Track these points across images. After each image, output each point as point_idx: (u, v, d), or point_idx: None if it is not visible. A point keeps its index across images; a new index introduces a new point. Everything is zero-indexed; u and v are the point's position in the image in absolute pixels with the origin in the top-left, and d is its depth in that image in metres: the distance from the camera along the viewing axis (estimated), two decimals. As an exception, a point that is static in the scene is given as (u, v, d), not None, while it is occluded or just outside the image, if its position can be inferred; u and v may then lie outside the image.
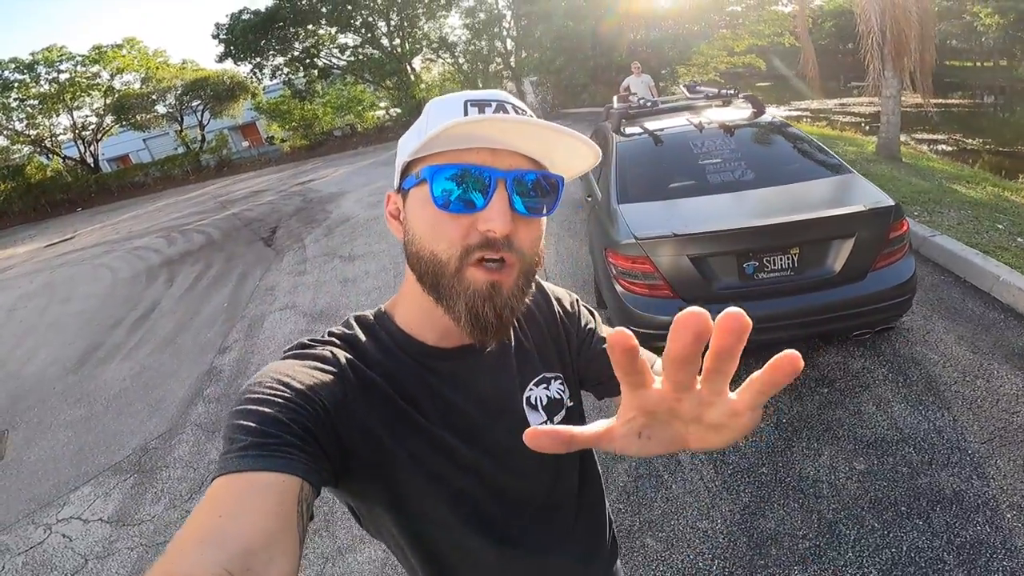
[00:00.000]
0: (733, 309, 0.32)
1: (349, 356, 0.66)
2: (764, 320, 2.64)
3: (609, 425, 0.40)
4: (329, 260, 6.62)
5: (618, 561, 1.00)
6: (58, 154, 26.43)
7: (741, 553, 1.99)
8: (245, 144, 31.82)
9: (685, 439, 0.40)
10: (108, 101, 24.63)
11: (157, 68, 25.27)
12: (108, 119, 25.55)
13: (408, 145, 0.64)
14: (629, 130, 3.86)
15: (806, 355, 3.02)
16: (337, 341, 0.69)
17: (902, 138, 7.91)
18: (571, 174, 0.67)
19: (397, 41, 23.77)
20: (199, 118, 26.39)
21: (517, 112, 0.62)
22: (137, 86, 25.18)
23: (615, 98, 7.81)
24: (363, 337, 0.70)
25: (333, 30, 23.43)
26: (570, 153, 0.62)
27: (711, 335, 0.32)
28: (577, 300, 0.90)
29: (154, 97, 24.92)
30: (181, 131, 26.89)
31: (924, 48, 6.87)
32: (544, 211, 0.63)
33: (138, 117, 24.86)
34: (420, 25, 23.66)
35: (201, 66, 27.51)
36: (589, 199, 4.01)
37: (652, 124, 3.89)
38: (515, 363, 0.77)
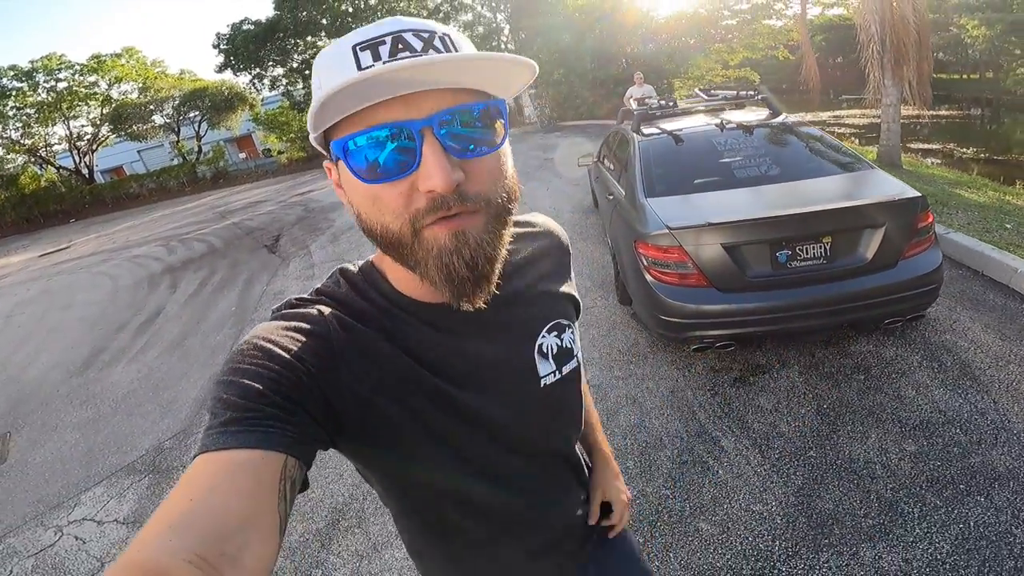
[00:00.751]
0: None
1: (340, 313, 0.62)
2: (797, 308, 2.65)
3: None
4: (339, 264, 6.55)
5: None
6: (53, 164, 26.24)
7: (803, 533, 1.97)
8: (241, 156, 31.70)
9: None
10: (105, 111, 24.47)
11: (155, 78, 25.14)
12: (104, 129, 25.39)
13: (310, 121, 0.52)
14: (648, 131, 3.90)
15: (838, 344, 3.03)
16: (325, 298, 0.65)
17: (898, 148, 8.03)
18: (509, 92, 0.58)
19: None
20: (196, 129, 26.34)
21: (421, 40, 0.52)
22: (135, 96, 25.05)
23: (632, 101, 7.88)
24: (353, 293, 0.65)
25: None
26: (498, 70, 0.53)
27: None
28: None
29: (151, 107, 24.82)
30: (178, 142, 26.83)
31: (922, 57, 7.04)
32: (492, 144, 0.55)
33: (135, 127, 24.78)
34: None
35: (200, 76, 27.50)
36: (610, 197, 4.03)
37: (670, 125, 3.93)
38: (526, 308, 0.72)
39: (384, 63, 0.49)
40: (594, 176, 5.60)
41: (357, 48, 0.51)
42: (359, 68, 0.50)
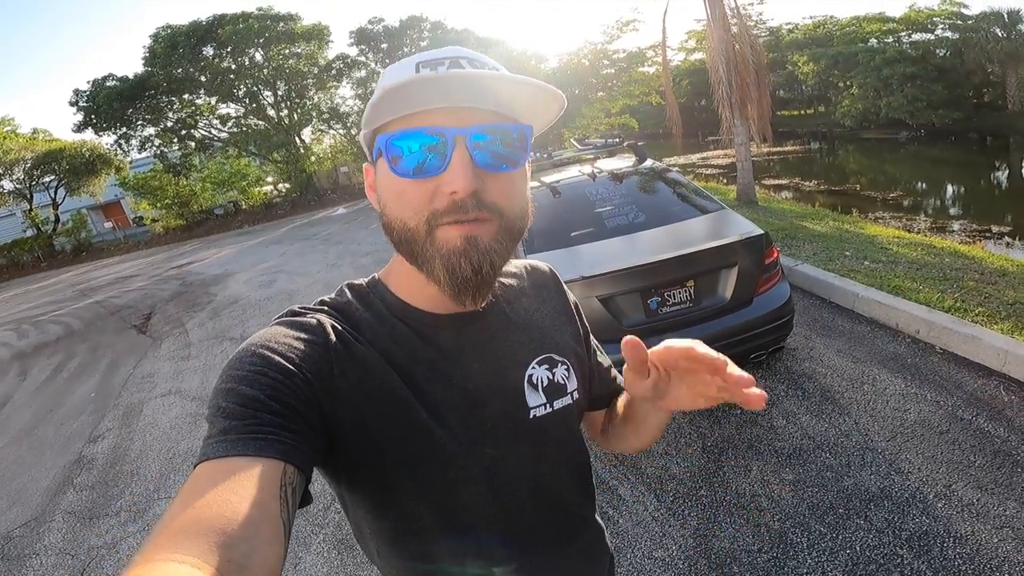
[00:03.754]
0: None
1: (339, 325, 0.64)
2: None
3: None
4: (219, 343, 6.11)
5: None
6: None
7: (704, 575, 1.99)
8: (108, 225, 28.73)
9: (668, 395, 0.62)
10: (-58, 176, 21.43)
11: (3, 138, 22.31)
12: (-60, 197, 22.16)
13: (364, 117, 0.61)
14: (529, 184, 4.01)
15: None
16: (327, 308, 0.67)
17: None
18: (538, 123, 0.65)
19: (284, 112, 23.25)
20: (52, 196, 23.52)
21: (475, 67, 0.59)
22: (-23, 158, 22.20)
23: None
24: (356, 304, 0.68)
25: (213, 100, 22.48)
26: (533, 102, 0.60)
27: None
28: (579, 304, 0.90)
29: (-1, 171, 22.06)
30: (31, 211, 23.78)
31: (761, 95, 7.95)
32: (515, 164, 0.61)
33: (-23, 195, 21.81)
34: (310, 96, 23.44)
35: (55, 136, 24.85)
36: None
37: (548, 177, 4.08)
38: (519, 337, 0.74)
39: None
40: None
41: (420, 64, 0.60)
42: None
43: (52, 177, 22.78)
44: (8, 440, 4.65)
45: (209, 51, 20.96)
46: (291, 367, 0.55)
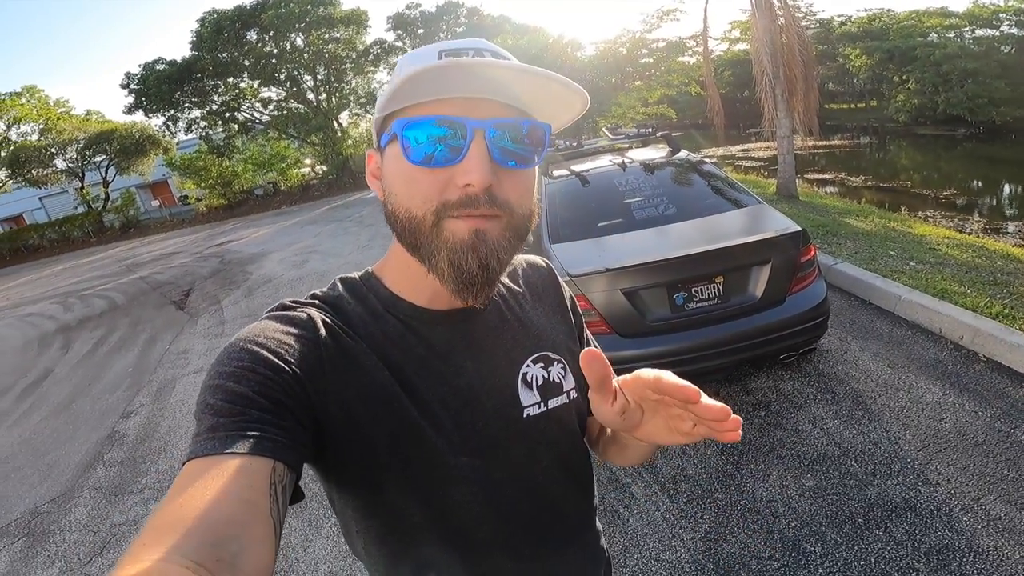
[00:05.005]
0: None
1: (329, 319, 0.62)
2: (695, 349, 2.70)
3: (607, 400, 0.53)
4: (251, 321, 6.20)
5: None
6: (-56, 214, 23.89)
7: (708, 583, 1.94)
8: (155, 203, 29.80)
9: (641, 427, 0.56)
10: (2, 154, 22.55)
11: (58, 119, 23.37)
12: (1, 174, 23.36)
13: (380, 101, 0.58)
14: (557, 172, 3.95)
15: (740, 381, 3.10)
16: (319, 302, 0.65)
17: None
18: (558, 122, 0.62)
19: (323, 96, 23.66)
20: (103, 174, 24.57)
21: (496, 56, 0.58)
22: (35, 138, 23.21)
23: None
24: (348, 298, 0.66)
25: (255, 83, 23.03)
26: (555, 100, 0.58)
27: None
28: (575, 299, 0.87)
29: (53, 150, 23.02)
30: (82, 188, 24.94)
31: (809, 87, 7.61)
32: (529, 162, 0.59)
33: (35, 172, 22.84)
34: (347, 80, 23.75)
35: (108, 118, 25.84)
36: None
37: (578, 166, 4.01)
38: (514, 335, 0.72)
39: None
40: None
41: (442, 52, 0.57)
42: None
43: (103, 157, 23.83)
44: (47, 413, 4.81)
45: (252, 35, 21.46)
46: (280, 363, 0.54)
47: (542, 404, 0.71)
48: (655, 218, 3.21)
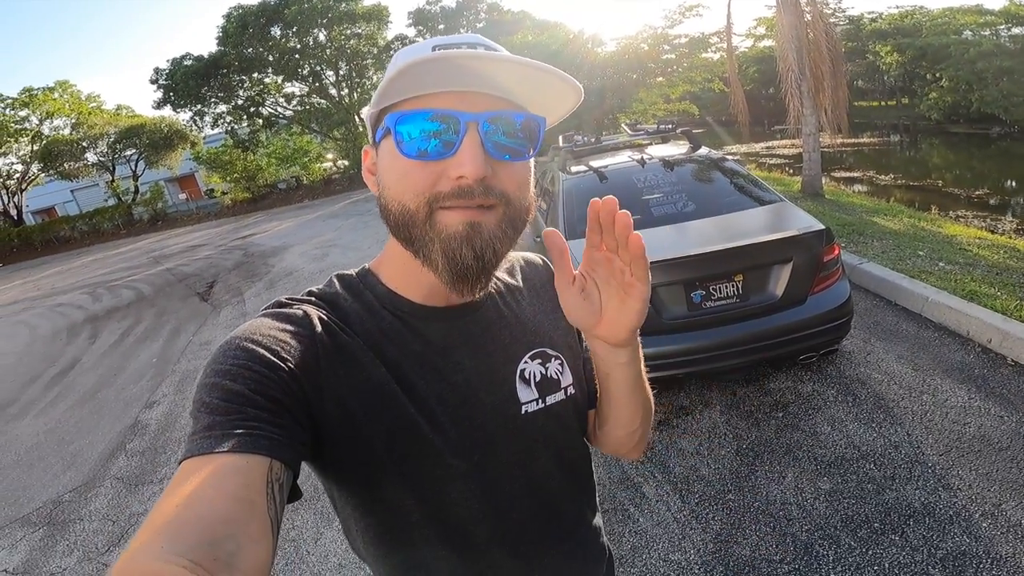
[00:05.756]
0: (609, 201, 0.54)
1: (326, 316, 0.62)
2: (713, 348, 2.66)
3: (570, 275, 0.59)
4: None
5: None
6: (-20, 205, 24.72)
7: (718, 585, 1.91)
8: (183, 196, 30.46)
9: (603, 311, 0.60)
10: (36, 147, 23.20)
11: (89, 113, 24.02)
12: (35, 167, 24.06)
13: (375, 96, 0.59)
14: (575, 168, 3.93)
15: (759, 381, 3.05)
16: (315, 299, 0.65)
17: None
18: (553, 115, 0.62)
19: (345, 91, 23.85)
20: (133, 168, 25.23)
21: (491, 49, 0.57)
22: (67, 132, 23.83)
23: (560, 138, 8.08)
24: (345, 295, 0.66)
25: (279, 79, 23.33)
26: (549, 92, 0.58)
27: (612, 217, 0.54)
28: None
29: (84, 144, 23.64)
30: (112, 181, 25.58)
31: (837, 84, 7.44)
32: (524, 155, 0.59)
33: (66, 165, 23.52)
34: (369, 75, 23.91)
35: (137, 113, 26.47)
36: (538, 240, 4.01)
37: (596, 162, 3.97)
38: (511, 331, 0.72)
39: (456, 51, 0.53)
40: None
41: (436, 48, 0.56)
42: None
43: (133, 151, 24.50)
44: (73, 402, 4.88)
45: (276, 31, 21.70)
46: (276, 360, 0.53)
47: (540, 401, 0.70)
48: (674, 215, 3.17)
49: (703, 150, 3.97)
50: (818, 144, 7.67)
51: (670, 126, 4.66)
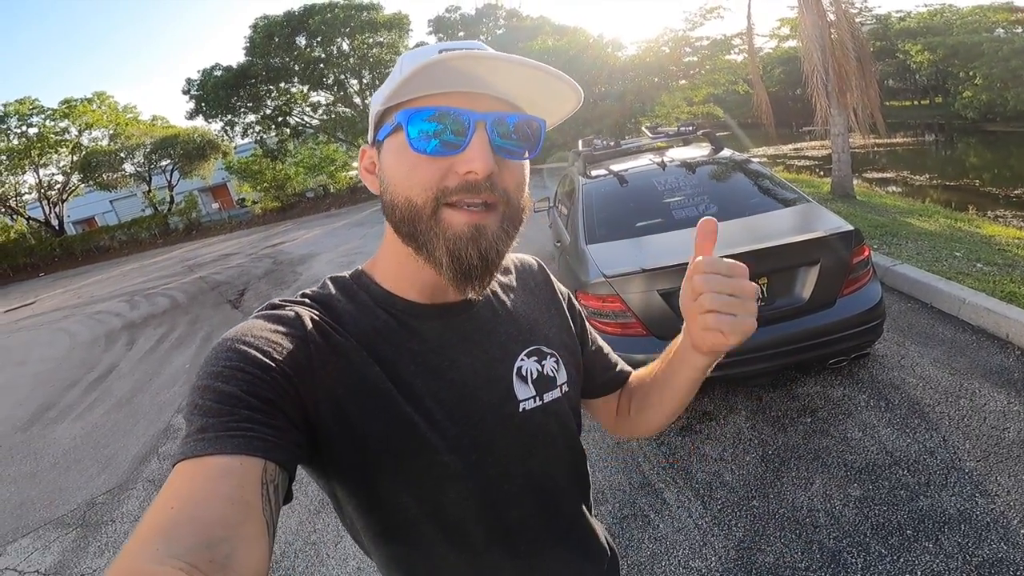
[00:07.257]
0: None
1: (318, 317, 0.62)
2: (736, 353, 2.58)
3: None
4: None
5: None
6: (22, 215, 25.62)
7: (740, 593, 1.87)
8: (215, 206, 31.19)
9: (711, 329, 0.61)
10: (75, 158, 23.94)
11: (126, 124, 24.74)
12: (75, 178, 24.84)
13: (381, 96, 0.61)
14: (595, 172, 3.91)
15: (785, 386, 2.98)
16: (308, 301, 0.65)
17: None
18: (553, 118, 0.65)
19: (369, 99, 24.18)
20: (168, 178, 25.95)
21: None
22: (105, 143, 24.58)
23: (580, 142, 8.08)
24: (339, 296, 0.66)
25: (305, 88, 23.81)
26: (550, 94, 0.61)
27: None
28: (573, 295, 0.88)
29: (122, 155, 24.32)
30: (149, 191, 26.40)
31: (867, 84, 7.25)
32: (526, 154, 0.61)
33: (105, 176, 24.24)
34: (391, 84, 24.24)
35: (171, 123, 27.19)
36: (558, 244, 3.99)
37: (617, 165, 3.95)
38: (507, 328, 0.73)
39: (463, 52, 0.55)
40: (549, 221, 5.59)
41: (442, 51, 0.57)
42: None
43: (168, 161, 25.10)
44: (109, 407, 5.03)
45: (302, 41, 22.19)
46: (268, 361, 0.54)
47: (538, 399, 0.71)
48: (695, 218, 3.08)
49: (725, 152, 3.92)
50: (847, 145, 7.50)
51: (691, 128, 4.62)
